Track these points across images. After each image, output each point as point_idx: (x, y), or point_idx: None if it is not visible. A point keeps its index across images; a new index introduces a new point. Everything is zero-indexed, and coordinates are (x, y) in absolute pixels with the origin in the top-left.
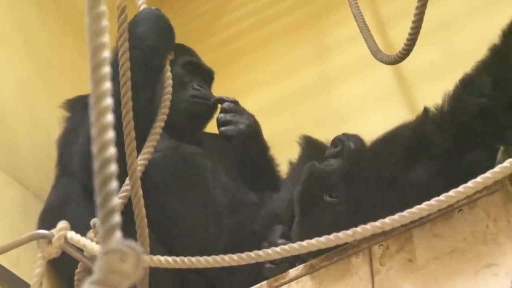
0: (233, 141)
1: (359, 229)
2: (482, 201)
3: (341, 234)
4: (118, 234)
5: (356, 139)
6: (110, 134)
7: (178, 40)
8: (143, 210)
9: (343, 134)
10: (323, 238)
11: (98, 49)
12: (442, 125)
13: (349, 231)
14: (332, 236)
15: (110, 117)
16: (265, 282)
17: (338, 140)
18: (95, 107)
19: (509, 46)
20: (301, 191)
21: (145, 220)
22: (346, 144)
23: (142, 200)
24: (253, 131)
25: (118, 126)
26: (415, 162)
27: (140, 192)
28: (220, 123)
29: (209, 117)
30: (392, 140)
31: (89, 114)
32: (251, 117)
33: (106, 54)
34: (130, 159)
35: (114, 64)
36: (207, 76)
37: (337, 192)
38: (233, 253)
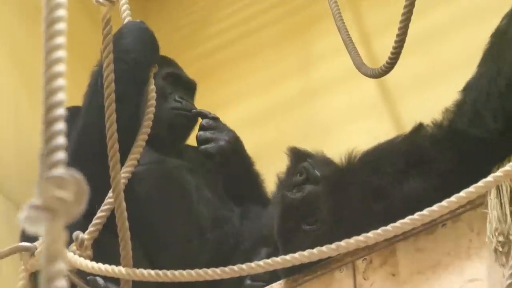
0: (215, 158)
1: (342, 243)
2: (466, 216)
3: (324, 248)
4: (61, 168)
5: (324, 163)
6: (61, 68)
7: (163, 51)
8: (126, 222)
9: (308, 161)
10: (306, 252)
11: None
12: (441, 143)
13: (333, 245)
14: (315, 250)
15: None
16: None
17: (303, 168)
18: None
19: None
20: (278, 224)
21: (128, 233)
22: (311, 172)
23: (125, 213)
24: (234, 147)
25: (102, 138)
26: (410, 176)
27: (124, 204)
28: (200, 141)
29: (190, 129)
30: (385, 153)
31: (75, 125)
32: (231, 132)
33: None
34: (113, 172)
35: (99, 76)
36: (189, 87)
37: (314, 218)
38: (216, 267)
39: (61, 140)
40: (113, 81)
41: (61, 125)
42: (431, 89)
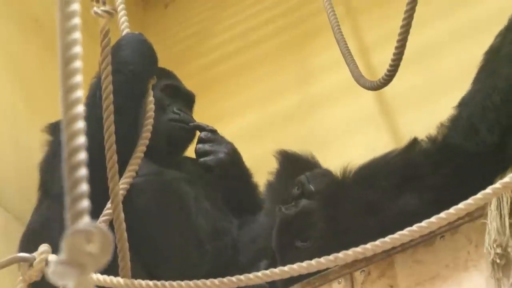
0: (214, 171)
1: (340, 254)
2: (464, 228)
3: (322, 259)
4: (86, 218)
5: (321, 177)
6: (80, 124)
7: (162, 64)
8: (125, 234)
9: (305, 175)
10: (304, 264)
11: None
12: (436, 157)
13: (331, 257)
14: (313, 262)
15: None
16: None
17: (299, 182)
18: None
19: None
20: (275, 239)
21: (127, 244)
22: (306, 187)
23: (123, 224)
24: (233, 159)
25: (100, 150)
26: (405, 190)
27: (122, 216)
28: (199, 154)
29: (188, 141)
30: (379, 168)
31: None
32: (230, 145)
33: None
34: (112, 183)
35: (97, 88)
36: (187, 99)
37: (307, 234)
38: (215, 278)
39: (84, 187)
40: (111, 93)
41: (84, 171)
42: (430, 102)
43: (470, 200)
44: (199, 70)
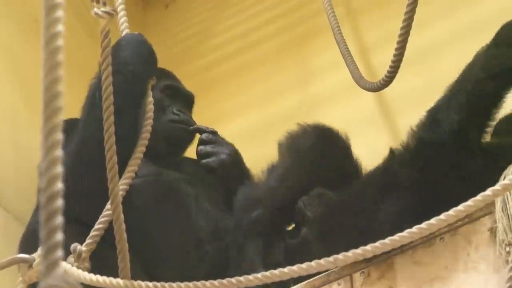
0: (216, 172)
1: (340, 256)
2: (463, 229)
3: (322, 261)
4: (60, 270)
5: (317, 199)
6: (59, 169)
7: (162, 64)
8: (124, 234)
9: (301, 201)
10: (304, 265)
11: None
12: (407, 163)
13: (331, 258)
14: (313, 263)
15: (58, 152)
16: None
17: (298, 209)
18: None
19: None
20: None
21: (126, 245)
22: (304, 213)
23: (123, 225)
24: (235, 160)
25: (99, 150)
26: (384, 201)
27: (122, 217)
28: (200, 156)
29: (188, 142)
30: (363, 187)
31: (73, 137)
32: (230, 146)
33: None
34: (111, 184)
35: (97, 89)
36: (187, 100)
37: None
38: (215, 279)
39: (59, 236)
40: (111, 94)
41: (59, 219)
42: (430, 103)
43: (470, 202)
44: (199, 70)
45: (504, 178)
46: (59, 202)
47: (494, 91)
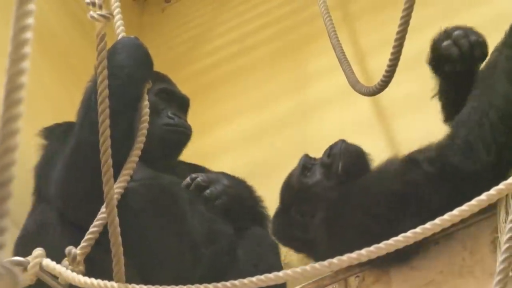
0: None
1: (335, 260)
2: (459, 234)
3: (317, 265)
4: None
5: (353, 159)
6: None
7: (158, 68)
8: (119, 238)
9: (340, 148)
10: (299, 269)
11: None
12: (435, 180)
13: (325, 262)
14: (308, 267)
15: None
16: None
17: (333, 154)
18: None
19: None
20: (282, 192)
21: (121, 248)
22: (335, 165)
23: (118, 228)
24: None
25: (94, 153)
26: (407, 216)
27: (117, 220)
28: (209, 198)
29: (182, 145)
30: (378, 189)
31: (68, 141)
32: (223, 176)
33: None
34: (107, 187)
35: (92, 92)
36: (182, 103)
37: (306, 210)
38: (210, 283)
39: (5, 222)
40: (107, 97)
41: (7, 205)
42: (425, 108)
43: (464, 207)
44: (195, 74)
45: None
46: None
47: None
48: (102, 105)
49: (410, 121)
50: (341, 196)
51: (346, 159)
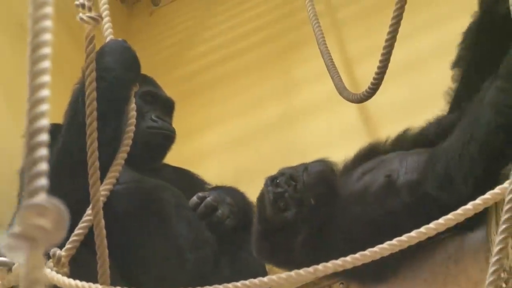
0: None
1: (320, 266)
2: (443, 243)
3: (302, 271)
4: (42, 195)
5: (318, 184)
6: (45, 107)
7: (146, 71)
8: (105, 240)
9: (302, 169)
10: (284, 275)
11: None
12: (411, 207)
13: (310, 269)
14: (293, 273)
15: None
16: None
17: (296, 186)
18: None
19: None
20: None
21: (106, 250)
22: (305, 195)
23: (104, 231)
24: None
25: (81, 156)
26: (382, 241)
27: (102, 222)
28: (221, 220)
29: (166, 148)
30: (357, 215)
31: (55, 143)
32: (224, 193)
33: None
34: (93, 189)
35: (80, 94)
36: (166, 106)
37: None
38: (195, 286)
39: (43, 166)
40: (95, 100)
41: (44, 151)
42: (412, 116)
43: (450, 216)
44: (182, 78)
45: None
46: (45, 136)
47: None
48: (89, 108)
49: (397, 129)
50: (321, 221)
51: (316, 191)
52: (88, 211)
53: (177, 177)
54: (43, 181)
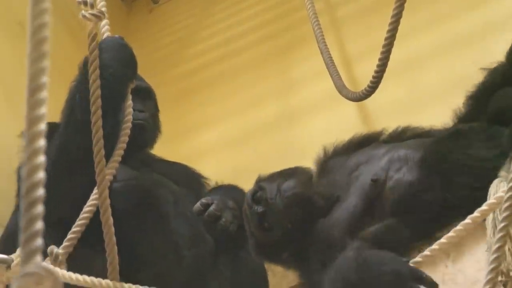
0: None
1: None
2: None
3: None
4: (38, 258)
5: (294, 207)
6: (41, 159)
7: (143, 70)
8: (114, 238)
9: (276, 193)
10: None
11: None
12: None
13: None
14: None
15: (41, 142)
16: None
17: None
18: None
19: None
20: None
21: (115, 247)
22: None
23: (112, 228)
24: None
25: (78, 152)
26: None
27: (111, 220)
28: (224, 227)
29: (143, 137)
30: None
31: (51, 142)
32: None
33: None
34: (100, 176)
35: (77, 91)
36: (144, 94)
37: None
38: (193, 284)
39: (39, 225)
40: (99, 97)
41: (40, 208)
42: (411, 114)
43: (459, 227)
44: (180, 76)
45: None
46: (41, 192)
47: None
48: (94, 105)
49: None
50: (304, 236)
51: (290, 217)
52: (85, 208)
53: (173, 171)
54: (39, 242)
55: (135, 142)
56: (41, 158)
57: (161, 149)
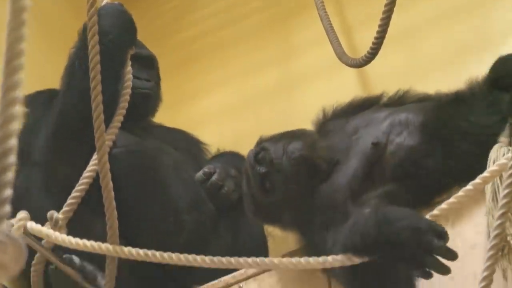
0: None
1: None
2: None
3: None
4: (3, 226)
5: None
6: (15, 126)
7: (144, 37)
8: (113, 202)
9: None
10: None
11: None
12: None
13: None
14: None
15: (17, 108)
16: (223, 278)
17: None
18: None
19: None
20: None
21: (115, 212)
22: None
23: (112, 193)
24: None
25: (78, 118)
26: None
27: (110, 184)
28: (226, 196)
29: (146, 105)
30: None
31: (53, 107)
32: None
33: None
34: (99, 142)
35: (76, 58)
36: (147, 63)
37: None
38: (193, 248)
39: (7, 192)
40: (98, 63)
41: (9, 175)
42: (411, 81)
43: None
44: (181, 43)
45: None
46: (12, 159)
47: None
48: (93, 71)
49: None
50: (306, 198)
51: (295, 178)
52: (85, 173)
53: (172, 137)
54: (5, 210)
55: (139, 110)
56: (16, 125)
57: (162, 116)
